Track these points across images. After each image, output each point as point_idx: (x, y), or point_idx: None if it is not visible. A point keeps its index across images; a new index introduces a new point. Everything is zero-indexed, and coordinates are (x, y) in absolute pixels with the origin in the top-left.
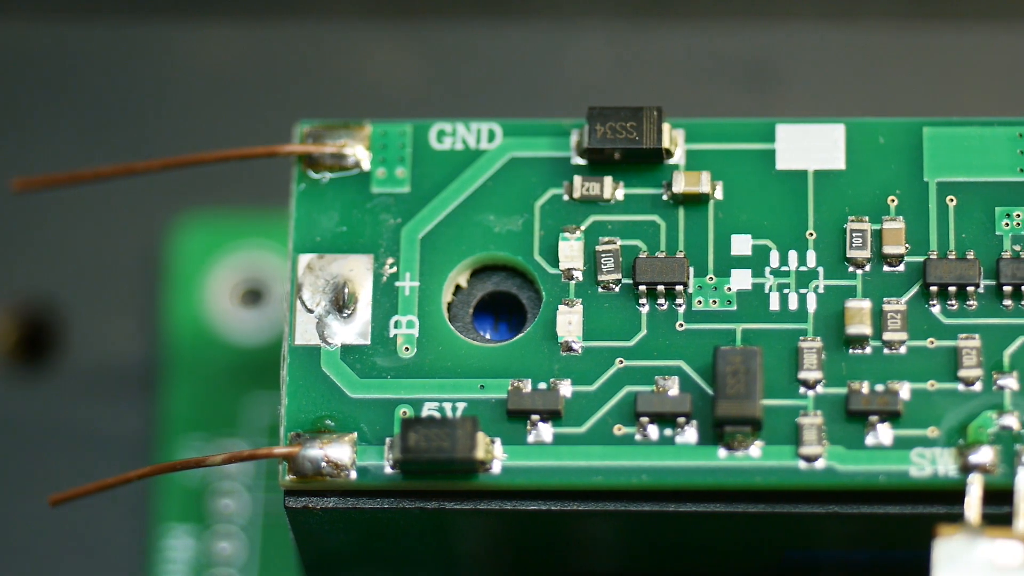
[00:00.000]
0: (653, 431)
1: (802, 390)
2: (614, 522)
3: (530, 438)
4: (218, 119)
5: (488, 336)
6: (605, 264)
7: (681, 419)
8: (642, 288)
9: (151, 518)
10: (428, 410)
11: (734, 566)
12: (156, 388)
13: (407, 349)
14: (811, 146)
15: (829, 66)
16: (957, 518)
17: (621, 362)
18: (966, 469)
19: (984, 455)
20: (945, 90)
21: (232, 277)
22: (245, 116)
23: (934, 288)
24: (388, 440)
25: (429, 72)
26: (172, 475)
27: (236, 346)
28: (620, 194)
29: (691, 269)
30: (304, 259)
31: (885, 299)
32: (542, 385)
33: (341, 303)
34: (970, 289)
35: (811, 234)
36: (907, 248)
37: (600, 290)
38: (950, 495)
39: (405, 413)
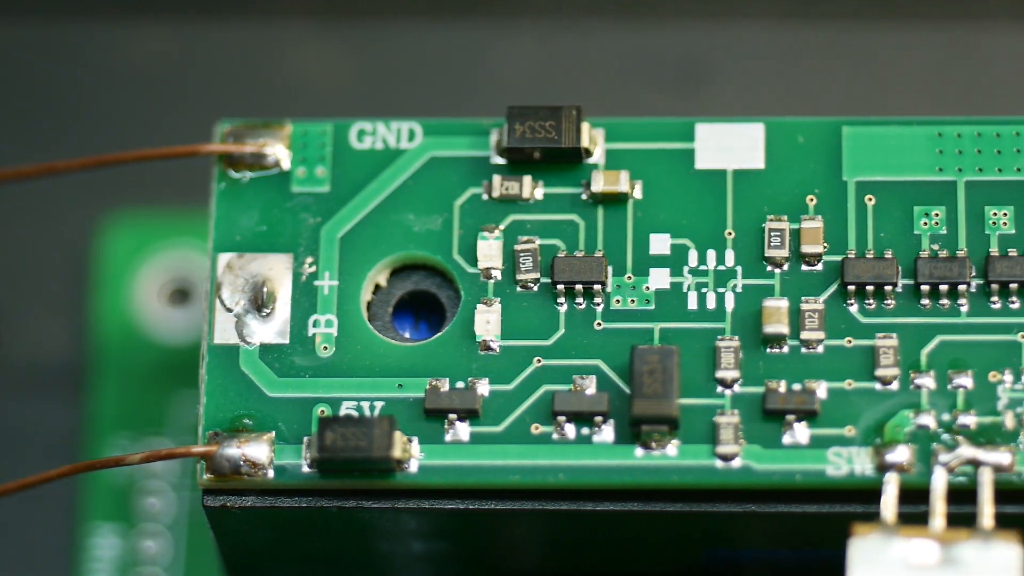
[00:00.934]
0: (570, 430)
1: (719, 389)
2: (532, 521)
3: (447, 437)
4: (144, 118)
5: (407, 335)
6: (524, 263)
7: (598, 418)
8: (560, 287)
9: (77, 517)
10: (346, 409)
11: (654, 565)
12: (84, 387)
13: (325, 348)
14: (730, 145)
15: (756, 66)
16: (873, 517)
17: (539, 361)
18: (882, 468)
19: (900, 454)
20: (868, 89)
21: (160, 276)
22: (173, 115)
23: (852, 287)
24: (306, 439)
25: (356, 72)
26: (99, 474)
27: (164, 345)
28: (539, 193)
29: (609, 268)
30: (224, 258)
31: (803, 298)
32: (460, 384)
33: (260, 302)
34: (888, 288)
35: (730, 233)
36: (825, 247)
37: (519, 289)
38: (867, 494)
39: (323, 412)
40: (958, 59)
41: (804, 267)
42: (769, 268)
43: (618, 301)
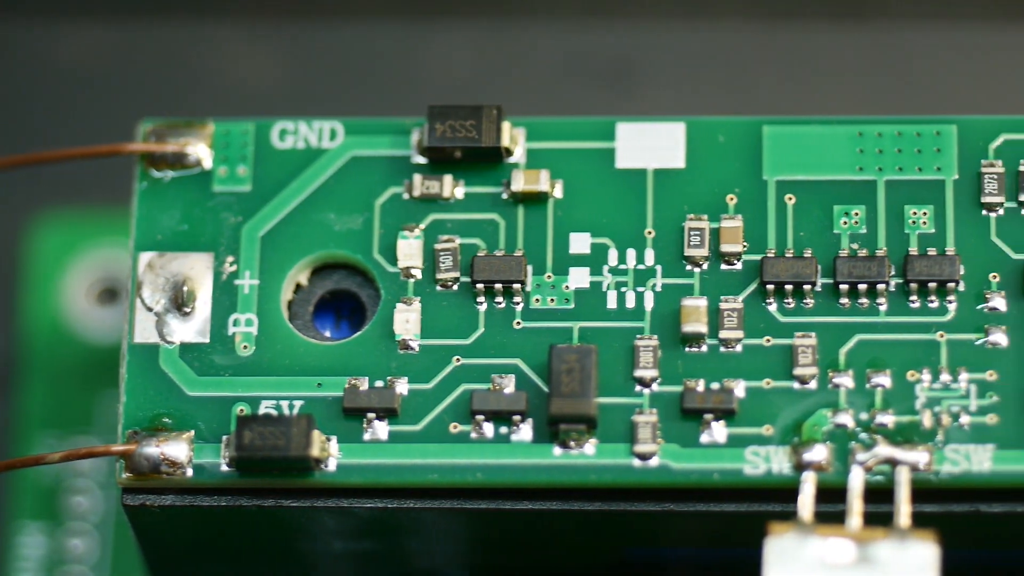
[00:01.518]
0: (488, 429)
1: (638, 388)
2: (452, 520)
3: (366, 436)
4: (73, 118)
5: (328, 334)
6: (443, 262)
7: (516, 417)
8: (480, 286)
9: (4, 515)
10: (265, 408)
11: (575, 563)
12: (12, 386)
13: (245, 347)
14: (651, 145)
15: (682, 65)
16: (791, 516)
17: (458, 360)
18: (800, 467)
19: (818, 453)
20: (793, 89)
21: (88, 276)
22: (102, 115)
23: (771, 286)
24: (225, 438)
25: (283, 71)
26: (25, 473)
27: (92, 344)
28: (460, 193)
29: (529, 267)
30: (145, 257)
31: (722, 297)
32: (379, 383)
33: (180, 301)
34: (807, 287)
35: (650, 232)
36: (745, 246)
37: (438, 288)
38: (784, 493)
39: (242, 411)
40: (880, 59)
41: (723, 266)
42: (688, 267)
43: (537, 300)
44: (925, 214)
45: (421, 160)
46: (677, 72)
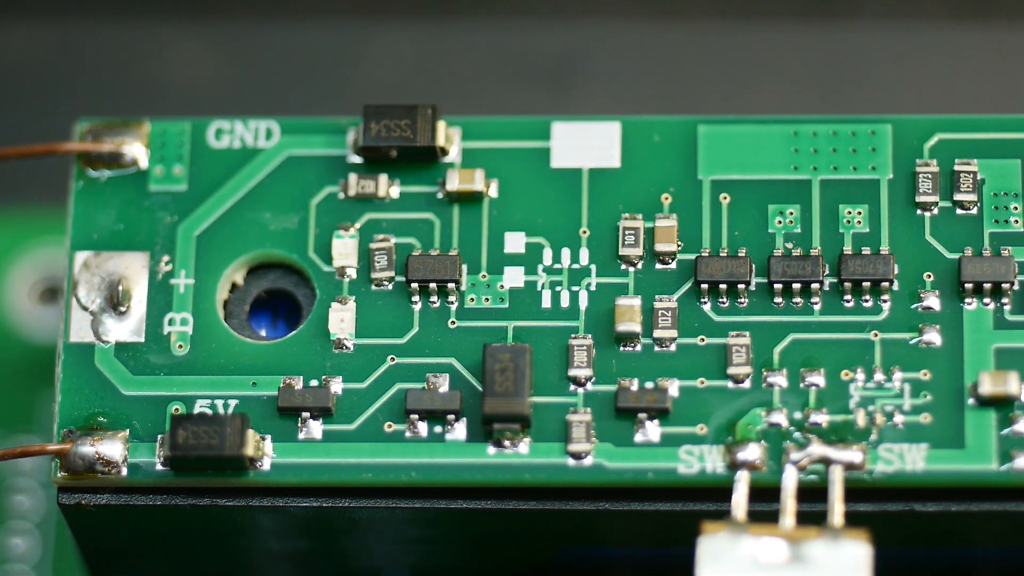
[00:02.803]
0: (423, 428)
1: (572, 387)
2: (387, 519)
3: (301, 435)
4: (13, 117)
5: (264, 333)
6: (379, 262)
7: (451, 416)
8: (415, 286)
9: None
10: (200, 407)
11: (512, 562)
12: None
13: (181, 347)
14: (587, 144)
15: (623, 64)
16: (725, 515)
17: (393, 359)
18: (734, 466)
19: (752, 452)
20: (734, 88)
21: (30, 275)
22: (42, 113)
23: (705, 286)
24: (160, 437)
25: (223, 71)
26: None
27: (33, 343)
28: (395, 192)
29: (464, 267)
30: (80, 257)
31: (656, 297)
32: (314, 382)
33: (116, 301)
34: (741, 287)
35: (584, 232)
36: (679, 246)
37: (373, 288)
38: (718, 492)
39: (177, 410)
40: (816, 59)
41: (658, 265)
42: (623, 267)
43: (472, 300)
44: (860, 213)
45: (357, 160)
46: (615, 72)
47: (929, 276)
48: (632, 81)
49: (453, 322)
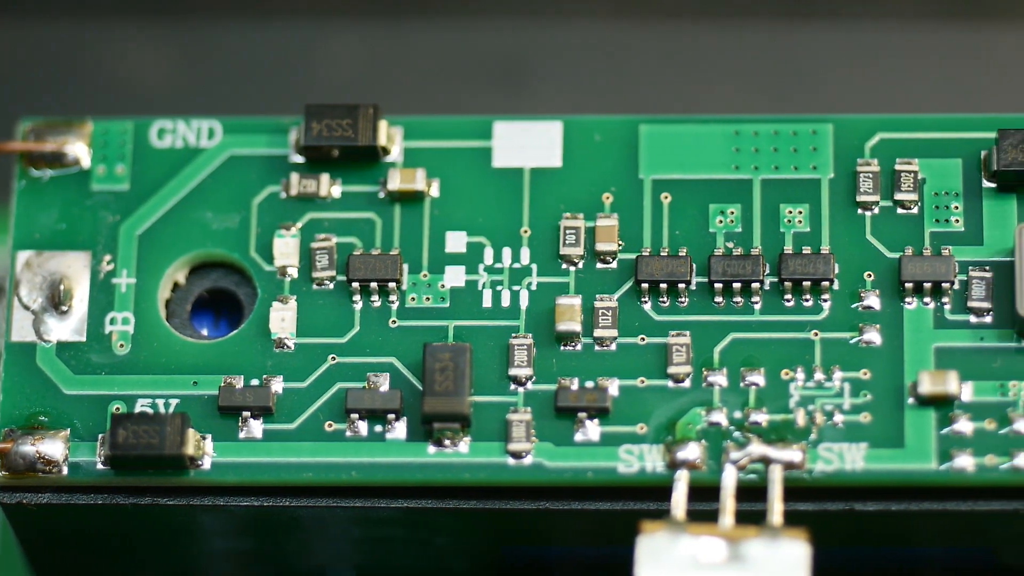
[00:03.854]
0: (363, 427)
1: (512, 387)
2: (328, 518)
3: (241, 434)
4: None
5: (205, 332)
6: (319, 261)
7: (391, 416)
8: (355, 285)
9: None
10: (141, 406)
11: (455, 561)
12: None
13: (122, 346)
14: (528, 144)
15: (568, 64)
16: (665, 514)
17: (333, 359)
18: (673, 465)
19: (691, 451)
20: (674, 87)
21: None
22: None
23: (645, 285)
24: (101, 436)
25: (171, 70)
26: None
27: None
28: (337, 192)
29: (405, 266)
30: (23, 256)
31: (597, 296)
32: (254, 381)
33: (57, 300)
34: (681, 286)
35: (526, 231)
36: (620, 245)
37: (314, 287)
38: (658, 491)
39: (118, 409)
40: (758, 58)
41: (599, 265)
42: (564, 266)
43: (413, 299)
44: (800, 213)
45: (299, 159)
46: (560, 72)
47: (869, 275)
48: (577, 81)
49: (394, 321)
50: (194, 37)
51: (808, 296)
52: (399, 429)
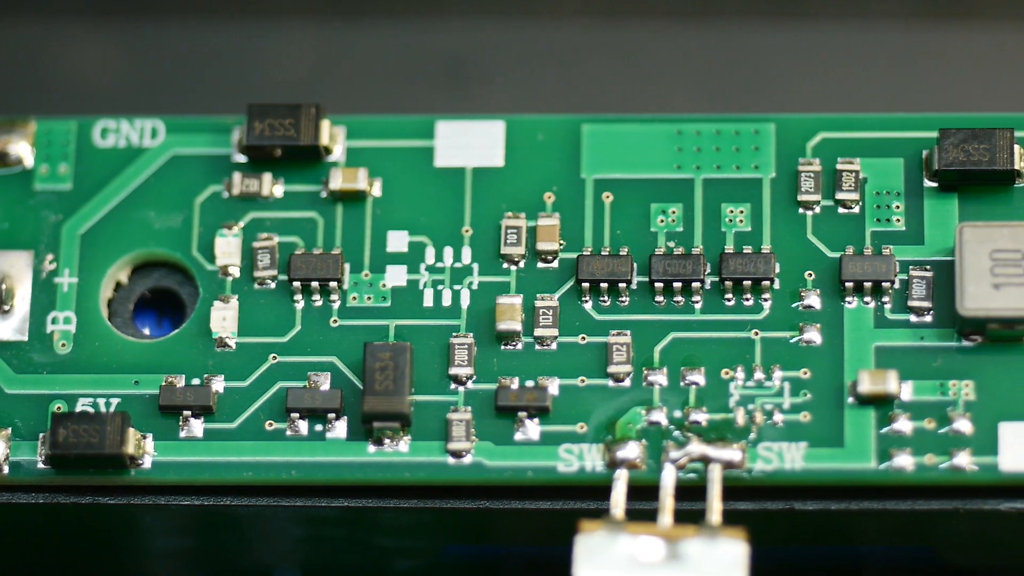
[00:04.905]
0: (303, 427)
1: (453, 386)
2: (269, 517)
3: (182, 433)
4: None
5: (147, 331)
6: (261, 260)
7: (331, 415)
8: (297, 284)
9: None
10: (82, 406)
11: (397, 561)
12: None
13: (64, 345)
14: (470, 143)
15: (515, 63)
16: (605, 513)
17: (274, 358)
18: (613, 465)
19: (631, 451)
20: (619, 86)
21: None
22: None
23: (586, 284)
24: (41, 435)
25: (115, 69)
26: None
27: None
28: (279, 191)
29: (347, 266)
30: None
31: (538, 295)
32: (195, 381)
33: None
34: (622, 286)
35: (467, 231)
36: (562, 244)
37: (256, 286)
38: (597, 490)
39: (59, 408)
40: (701, 58)
41: (540, 264)
42: (505, 265)
43: (354, 298)
44: (742, 212)
45: (241, 159)
46: (506, 71)
47: (810, 275)
48: (521, 81)
49: (335, 321)
50: (138, 36)
51: (749, 295)
52: (339, 428)
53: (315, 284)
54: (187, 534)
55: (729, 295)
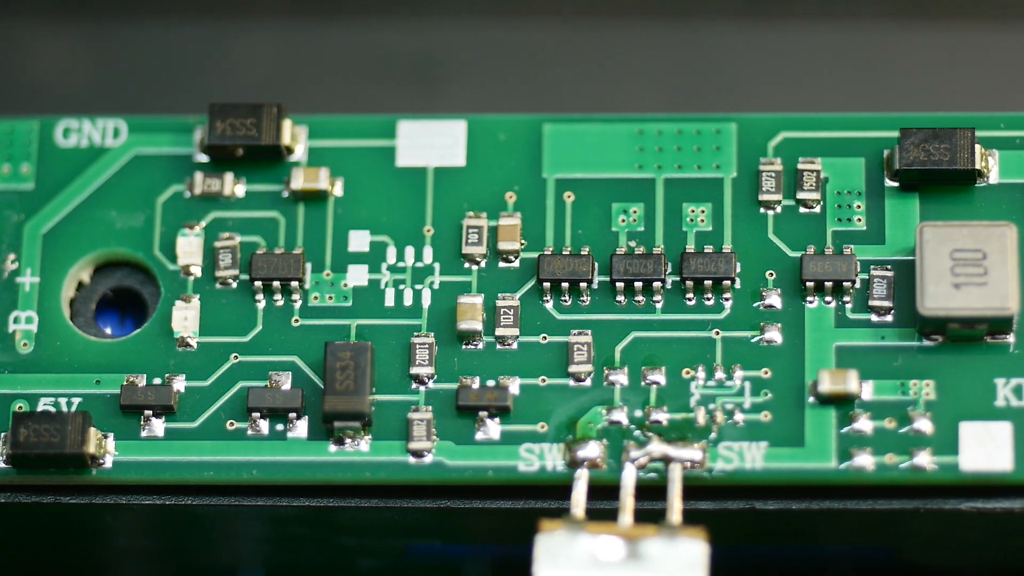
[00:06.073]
0: (264, 426)
1: (414, 385)
2: (232, 516)
3: (143, 433)
4: None
5: (109, 331)
6: (223, 260)
7: (292, 414)
8: (258, 284)
9: None
10: (44, 405)
11: (361, 560)
12: None
13: (25, 344)
14: (432, 143)
15: (481, 63)
16: (566, 513)
17: (236, 357)
18: (574, 464)
19: (592, 450)
20: (580, 86)
21: None
22: None
23: (547, 284)
24: (2, 435)
25: (79, 68)
26: None
27: None
28: (240, 191)
29: (308, 265)
30: None
31: (499, 295)
32: (156, 380)
33: None
34: (583, 285)
35: (428, 230)
36: (523, 244)
37: (218, 286)
38: (558, 490)
39: (21, 408)
40: (662, 57)
41: (501, 264)
42: (467, 265)
43: (316, 298)
44: (703, 212)
45: (203, 158)
46: (469, 71)
47: (771, 274)
48: (484, 80)
49: (296, 320)
50: (101, 36)
51: (710, 295)
52: (300, 428)
53: (276, 284)
54: (150, 534)
55: (690, 295)
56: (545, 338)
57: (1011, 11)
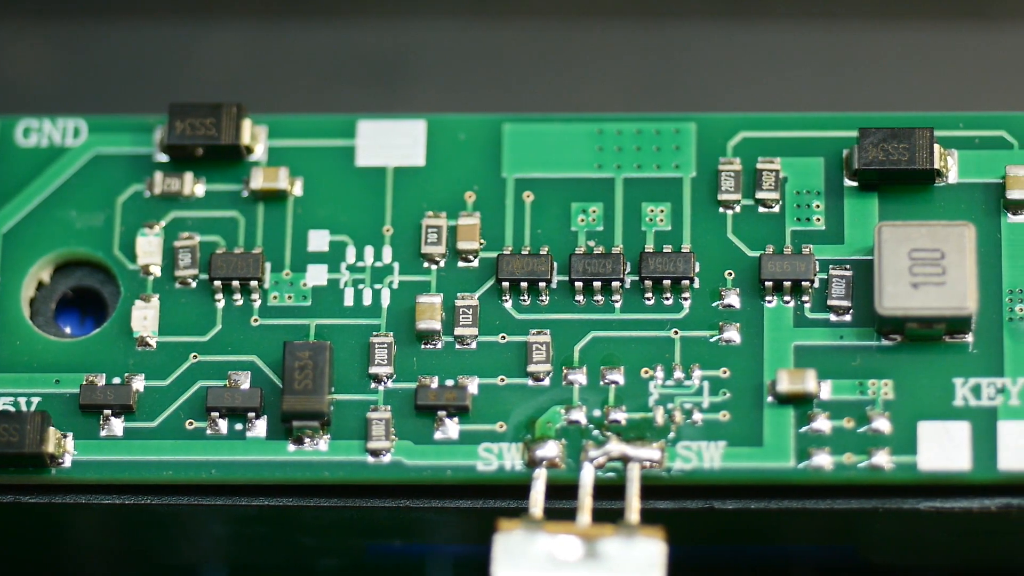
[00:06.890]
0: (223, 425)
1: (372, 385)
2: (192, 516)
3: (102, 432)
4: None
5: (69, 330)
6: (182, 260)
7: (251, 414)
8: (218, 283)
9: None
10: (3, 404)
11: (322, 560)
12: None
13: None
14: (392, 142)
15: (444, 63)
16: (524, 512)
17: (195, 357)
18: (532, 463)
19: (550, 450)
20: (540, 85)
21: None
22: None
23: (506, 284)
24: None
25: (41, 68)
26: None
27: None
28: (200, 190)
29: (267, 265)
30: None
31: (458, 294)
32: (116, 380)
33: None
34: (542, 285)
35: (388, 230)
36: (482, 244)
37: (177, 285)
38: (517, 489)
39: None
40: (622, 56)
41: (460, 263)
42: (426, 264)
43: (275, 297)
44: (663, 211)
45: (163, 158)
46: (430, 70)
47: (730, 274)
48: (445, 80)
49: (256, 320)
50: (61, 35)
51: (669, 295)
52: (259, 427)
53: (236, 283)
54: (110, 533)
55: (649, 294)
56: (504, 338)
57: (969, 11)
